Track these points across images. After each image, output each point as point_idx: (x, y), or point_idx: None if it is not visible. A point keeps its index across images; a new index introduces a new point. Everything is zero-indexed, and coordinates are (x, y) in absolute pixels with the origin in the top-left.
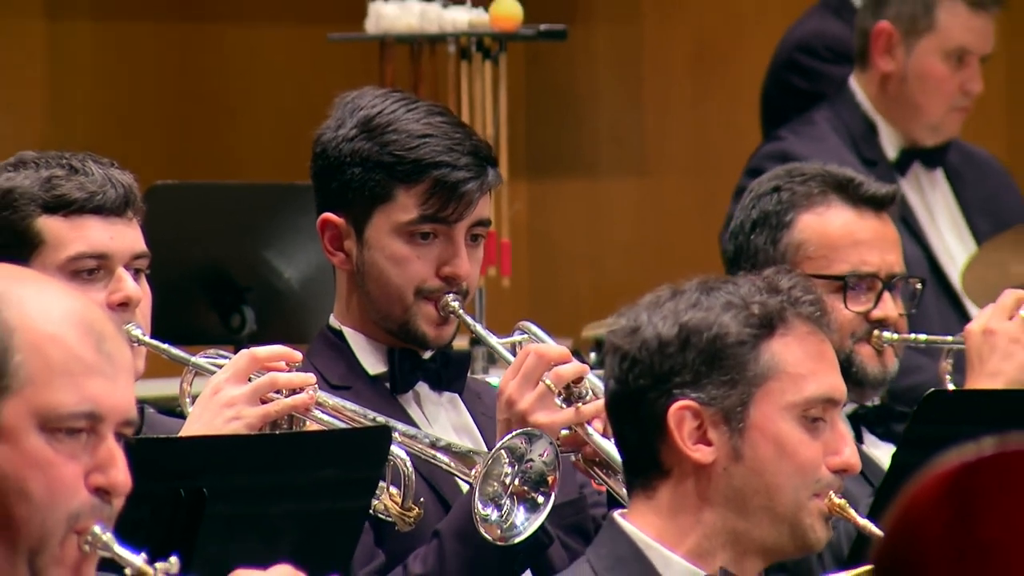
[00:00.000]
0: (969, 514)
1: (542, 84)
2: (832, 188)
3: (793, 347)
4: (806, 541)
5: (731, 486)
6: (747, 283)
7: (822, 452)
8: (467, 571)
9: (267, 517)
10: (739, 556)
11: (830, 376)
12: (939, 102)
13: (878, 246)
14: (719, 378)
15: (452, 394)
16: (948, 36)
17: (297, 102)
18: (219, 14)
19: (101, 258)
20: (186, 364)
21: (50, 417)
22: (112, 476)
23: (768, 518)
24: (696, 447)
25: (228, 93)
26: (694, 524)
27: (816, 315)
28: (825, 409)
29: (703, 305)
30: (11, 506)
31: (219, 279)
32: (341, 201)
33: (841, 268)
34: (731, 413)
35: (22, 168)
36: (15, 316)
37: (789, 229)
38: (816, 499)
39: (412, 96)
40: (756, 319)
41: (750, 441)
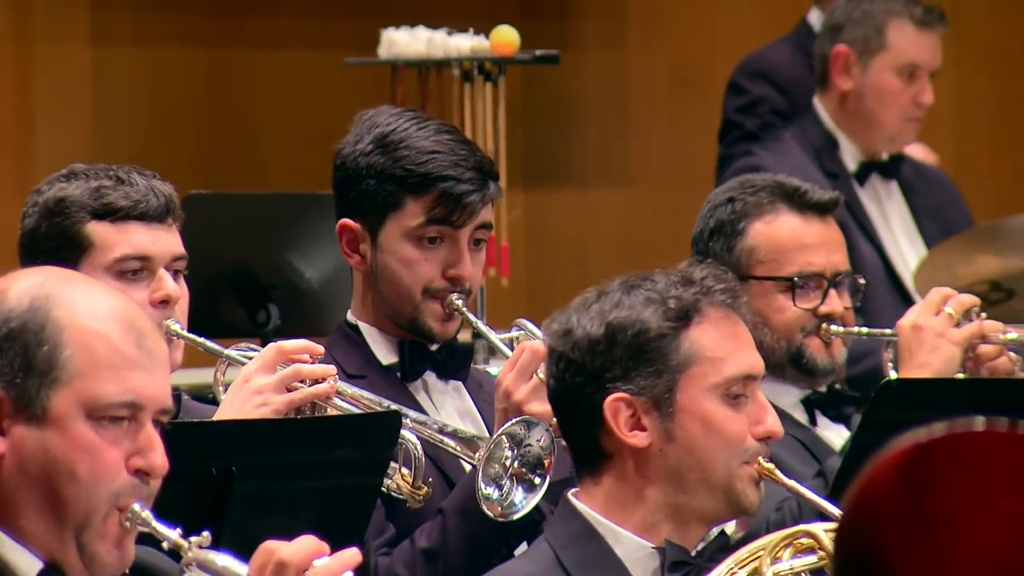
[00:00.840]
0: (921, 490)
1: (537, 104)
2: (780, 197)
3: (709, 333)
4: (740, 505)
5: (668, 465)
6: (664, 278)
7: (746, 424)
8: (468, 545)
9: (290, 494)
10: (682, 526)
11: (746, 354)
12: (894, 114)
13: (823, 248)
14: (646, 369)
15: (456, 382)
16: (899, 53)
17: (317, 119)
18: (246, 40)
19: (144, 260)
20: (219, 356)
21: (96, 406)
22: (151, 459)
23: (704, 489)
24: (632, 433)
25: (255, 111)
26: (638, 502)
27: (728, 300)
28: (745, 385)
29: (624, 304)
30: (60, 486)
31: (247, 279)
32: (358, 208)
33: (789, 269)
34: (660, 400)
35: (73, 179)
36: (64, 315)
37: (742, 236)
38: (746, 466)
39: (424, 115)
40: (673, 312)
41: (680, 423)
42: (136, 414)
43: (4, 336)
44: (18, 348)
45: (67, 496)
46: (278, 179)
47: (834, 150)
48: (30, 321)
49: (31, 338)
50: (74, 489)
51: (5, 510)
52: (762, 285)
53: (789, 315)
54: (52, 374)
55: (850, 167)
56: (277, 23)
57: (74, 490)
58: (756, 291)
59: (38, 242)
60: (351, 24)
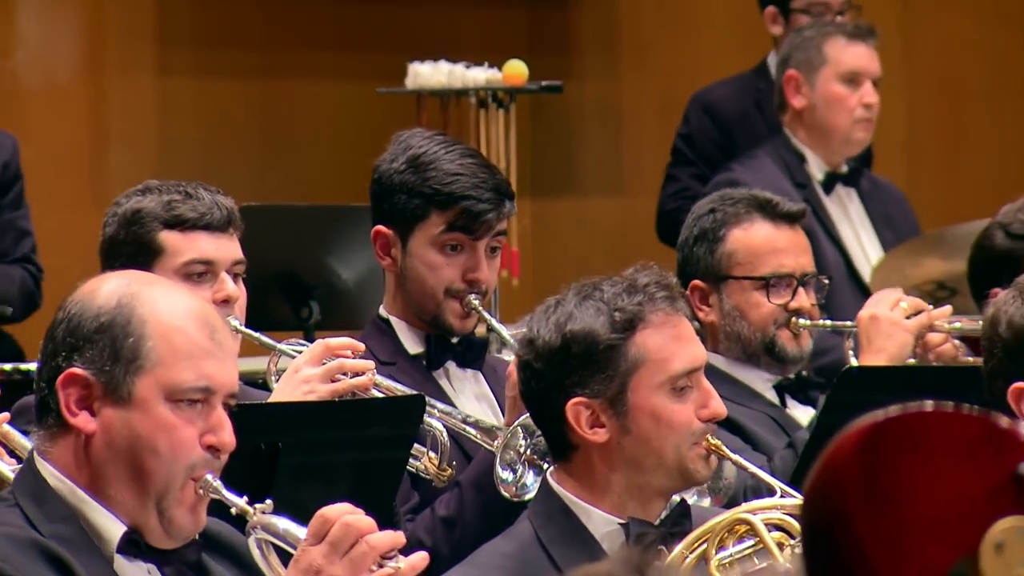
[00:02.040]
0: (878, 464)
1: (543, 127)
2: (755, 208)
3: (654, 336)
4: (694, 479)
5: (626, 454)
6: (611, 288)
7: (692, 410)
8: (482, 515)
9: (329, 466)
10: (645, 502)
11: (688, 350)
12: (845, 117)
13: (793, 252)
14: (599, 376)
15: (474, 370)
16: (839, 63)
17: (352, 141)
18: (291, 73)
19: (208, 264)
20: (273, 349)
21: (174, 391)
22: (221, 437)
23: (661, 471)
24: (593, 431)
25: (299, 134)
26: (605, 486)
27: (670, 303)
28: (690, 377)
29: (576, 317)
30: (143, 460)
31: (292, 280)
32: (390, 218)
33: (764, 271)
34: (614, 400)
35: (148, 193)
36: (148, 312)
37: (723, 242)
38: (695, 446)
39: (451, 139)
40: (619, 324)
41: (633, 418)
42: (209, 397)
43: (95, 330)
44: (107, 340)
45: (149, 468)
46: (319, 193)
47: (802, 164)
48: (118, 317)
49: (118, 331)
50: (155, 462)
51: (95, 480)
52: (740, 284)
53: (764, 310)
54: (137, 363)
55: (817, 178)
56: (318, 57)
57: (155, 463)
58: (735, 289)
59: (117, 247)
60: (382, 58)
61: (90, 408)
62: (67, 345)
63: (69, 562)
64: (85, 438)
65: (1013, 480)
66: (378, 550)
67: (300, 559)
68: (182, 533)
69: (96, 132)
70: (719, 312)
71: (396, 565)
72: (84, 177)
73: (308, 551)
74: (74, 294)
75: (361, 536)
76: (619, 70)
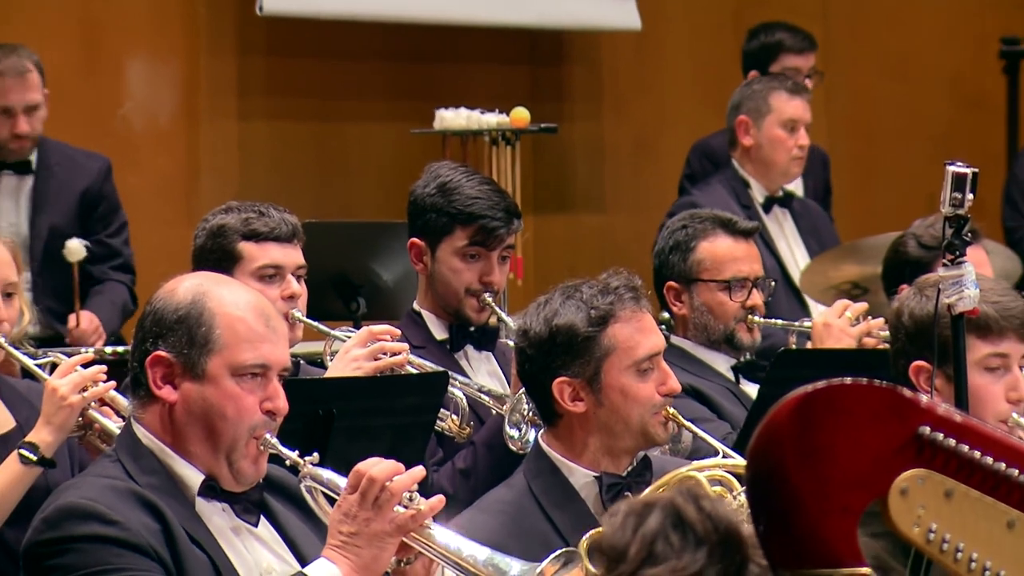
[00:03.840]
0: (809, 427)
1: (542, 160)
2: (718, 225)
3: (623, 329)
4: (654, 441)
5: (600, 422)
6: (589, 288)
7: (654, 386)
8: (490, 468)
9: (372, 428)
10: (615, 459)
11: (650, 339)
12: (784, 155)
13: (748, 260)
14: (579, 360)
15: (488, 352)
16: (781, 113)
17: (391, 170)
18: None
19: (277, 268)
20: (328, 335)
21: (238, 368)
22: (276, 403)
23: (628, 434)
24: (574, 404)
25: (349, 165)
26: (583, 447)
27: (635, 300)
28: (651, 361)
29: (561, 313)
30: (215, 423)
31: (343, 280)
32: (423, 232)
33: (726, 275)
34: (591, 380)
35: (229, 212)
36: (215, 305)
37: (693, 252)
38: (656, 415)
39: (472, 170)
40: (595, 319)
41: (606, 394)
42: (266, 372)
43: (175, 321)
44: (184, 329)
45: (220, 430)
46: (365, 212)
47: (747, 189)
48: (192, 310)
49: (193, 322)
50: (224, 425)
51: (178, 440)
52: (707, 285)
53: (727, 307)
54: (208, 346)
55: (758, 200)
56: (364, 105)
57: (224, 425)
58: (703, 289)
59: (205, 255)
60: (416, 105)
61: (172, 383)
62: (153, 333)
63: (160, 506)
64: (169, 406)
65: (914, 439)
66: (398, 494)
67: (340, 504)
68: (247, 479)
69: (189, 164)
70: (689, 308)
71: (417, 507)
72: (180, 200)
73: (346, 498)
74: (157, 292)
75: (383, 485)
76: (601, 116)
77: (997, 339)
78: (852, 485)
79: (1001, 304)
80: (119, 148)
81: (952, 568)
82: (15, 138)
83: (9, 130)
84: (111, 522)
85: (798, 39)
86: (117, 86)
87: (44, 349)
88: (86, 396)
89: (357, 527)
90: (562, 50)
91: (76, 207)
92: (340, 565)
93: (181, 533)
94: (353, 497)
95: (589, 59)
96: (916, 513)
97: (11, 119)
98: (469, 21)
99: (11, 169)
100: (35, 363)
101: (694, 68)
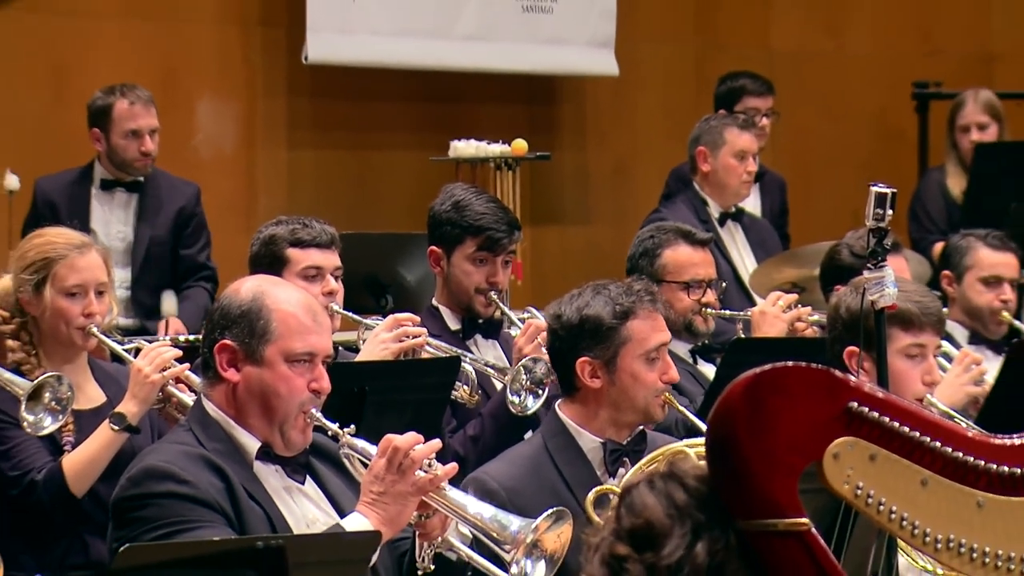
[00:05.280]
0: (757, 402)
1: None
2: (680, 236)
3: (639, 324)
4: (653, 419)
5: (611, 398)
6: (615, 288)
7: (658, 374)
8: (495, 435)
9: (398, 403)
10: (619, 430)
11: (660, 334)
12: (735, 180)
13: (704, 265)
14: (600, 345)
15: (493, 340)
16: (733, 145)
17: (413, 191)
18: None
19: (318, 270)
20: (360, 324)
21: (290, 355)
22: (321, 384)
23: (632, 411)
24: (591, 380)
25: (379, 186)
26: (594, 417)
27: (651, 302)
28: (658, 352)
29: (591, 304)
30: (271, 400)
31: (374, 281)
32: (440, 241)
33: (686, 277)
34: (608, 361)
35: (279, 224)
36: (271, 303)
37: (659, 257)
38: (656, 398)
39: (480, 189)
40: (619, 312)
41: (619, 375)
42: (312, 358)
43: (239, 315)
44: (246, 322)
45: (274, 406)
46: (392, 225)
47: (705, 207)
48: (253, 306)
49: (254, 316)
50: (278, 401)
51: (239, 413)
52: (671, 286)
53: (686, 303)
54: (266, 337)
55: (714, 216)
56: (392, 137)
57: (278, 402)
58: (666, 289)
59: (259, 259)
60: (434, 137)
61: (236, 366)
62: (220, 325)
63: (224, 468)
64: (232, 386)
65: (844, 412)
66: (418, 461)
67: (371, 468)
68: (296, 446)
69: (248, 186)
70: None
71: (435, 472)
72: (240, 215)
73: (376, 464)
74: (224, 291)
75: (407, 453)
76: (586, 146)
77: (917, 332)
78: (793, 450)
79: (922, 303)
80: (191, 172)
81: (875, 518)
82: (142, 156)
83: (137, 149)
84: (184, 481)
85: (758, 84)
86: (189, 121)
87: (128, 337)
88: (165, 375)
89: (385, 487)
90: (554, 92)
91: (172, 223)
92: (370, 518)
93: (241, 491)
94: (382, 463)
95: (576, 99)
96: (846, 473)
97: (139, 140)
98: (478, 68)
99: (124, 187)
100: (123, 348)
101: (662, 107)
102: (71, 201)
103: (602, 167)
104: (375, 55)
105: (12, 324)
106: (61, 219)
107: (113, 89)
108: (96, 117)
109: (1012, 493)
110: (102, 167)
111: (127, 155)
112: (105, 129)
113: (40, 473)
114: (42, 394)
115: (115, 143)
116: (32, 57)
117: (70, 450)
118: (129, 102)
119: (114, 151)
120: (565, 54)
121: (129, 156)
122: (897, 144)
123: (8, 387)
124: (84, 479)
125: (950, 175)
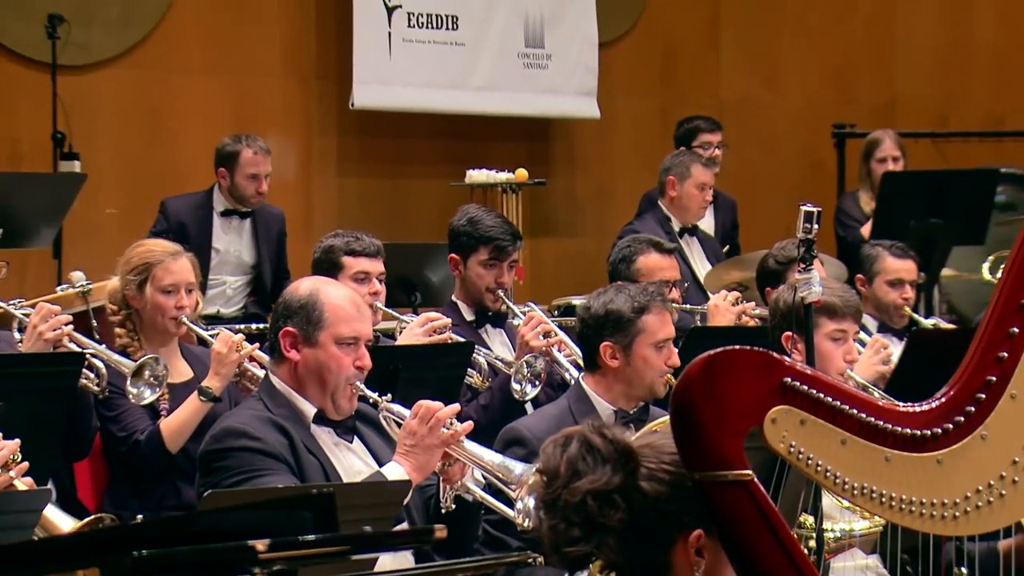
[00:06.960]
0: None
1: (536, 203)
2: (651, 245)
3: (653, 318)
4: (656, 395)
5: (625, 376)
6: (635, 288)
7: (663, 360)
8: (501, 405)
9: (424, 378)
10: (628, 402)
11: (668, 328)
12: (696, 205)
13: (670, 269)
14: (620, 333)
15: (500, 329)
16: (697, 177)
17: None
18: (406, 176)
19: (366, 274)
20: (398, 319)
21: (339, 339)
22: (364, 362)
23: (641, 387)
24: (611, 360)
25: (410, 206)
26: (610, 389)
27: (663, 302)
28: (665, 342)
29: (615, 300)
30: (324, 375)
31: (407, 281)
32: (458, 250)
33: (656, 279)
34: (626, 347)
35: (335, 238)
36: (324, 298)
37: (634, 263)
38: (660, 378)
39: (490, 209)
40: (637, 308)
41: (633, 359)
42: (357, 342)
43: (298, 308)
44: (304, 313)
45: (327, 380)
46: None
47: (668, 222)
48: (309, 300)
49: (310, 308)
50: (330, 376)
51: (299, 385)
52: None
53: None
54: (320, 324)
55: (676, 230)
56: (419, 167)
57: (330, 376)
58: None
59: (320, 264)
60: (454, 168)
61: (296, 348)
62: (283, 315)
63: (288, 428)
64: (294, 364)
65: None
66: (443, 420)
67: (405, 427)
68: (344, 412)
69: (307, 208)
70: None
71: (455, 429)
72: (300, 231)
73: (409, 423)
74: (287, 288)
75: (434, 414)
76: (574, 174)
77: (840, 319)
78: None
79: (844, 298)
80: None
81: (805, 471)
82: (257, 194)
83: (255, 189)
84: (256, 438)
85: (709, 123)
86: None
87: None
88: (240, 354)
89: (416, 441)
90: (548, 131)
91: (275, 242)
92: (404, 465)
93: (301, 447)
94: (413, 422)
95: (566, 137)
96: (782, 435)
97: (256, 182)
98: (488, 112)
99: (238, 215)
100: (208, 333)
101: (634, 145)
102: (198, 222)
103: (587, 191)
104: (408, 102)
105: (119, 315)
106: (189, 236)
107: (240, 138)
108: (224, 159)
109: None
110: (222, 197)
111: (246, 193)
112: (231, 170)
113: (143, 434)
114: (143, 371)
115: (238, 182)
116: (134, 105)
117: (166, 416)
118: (253, 151)
119: (236, 188)
120: (558, 101)
121: (247, 194)
122: (820, 173)
123: (116, 366)
124: (178, 439)
125: (862, 199)
